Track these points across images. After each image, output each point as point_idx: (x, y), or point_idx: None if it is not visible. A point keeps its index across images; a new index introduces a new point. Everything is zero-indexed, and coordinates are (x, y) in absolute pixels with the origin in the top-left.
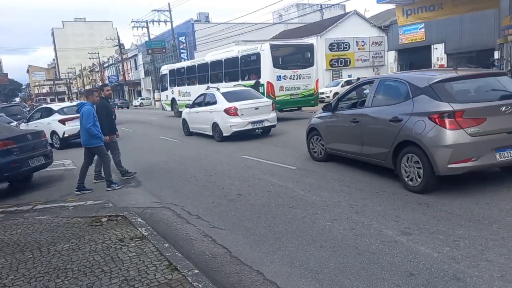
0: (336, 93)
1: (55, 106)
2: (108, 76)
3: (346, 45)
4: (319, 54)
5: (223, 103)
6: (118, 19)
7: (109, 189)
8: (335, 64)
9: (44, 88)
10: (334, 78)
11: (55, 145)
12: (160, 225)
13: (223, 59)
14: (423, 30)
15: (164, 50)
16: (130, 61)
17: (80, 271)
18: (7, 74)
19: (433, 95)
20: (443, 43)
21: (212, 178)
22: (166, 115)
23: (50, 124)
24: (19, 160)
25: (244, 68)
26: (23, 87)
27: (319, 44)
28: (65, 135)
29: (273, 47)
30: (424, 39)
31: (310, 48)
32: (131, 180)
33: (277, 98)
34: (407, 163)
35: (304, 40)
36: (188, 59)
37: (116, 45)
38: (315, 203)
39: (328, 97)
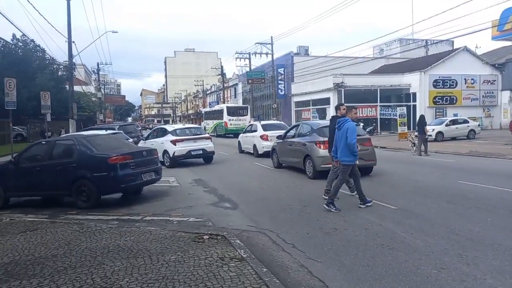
0: (439, 132)
1: (170, 127)
2: (209, 102)
3: (452, 82)
4: (421, 90)
5: (260, 131)
6: (222, 49)
7: (326, 207)
8: (439, 102)
9: (153, 110)
10: (437, 116)
11: (166, 163)
12: (256, 249)
13: (216, 109)
14: None
15: (263, 81)
16: (230, 89)
17: (186, 283)
18: (124, 96)
19: (318, 133)
20: None
21: (307, 209)
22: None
23: (163, 144)
24: (134, 174)
25: (218, 114)
26: (136, 108)
27: (422, 80)
28: (175, 155)
29: (227, 107)
30: None
31: (246, 107)
32: (229, 202)
33: (228, 128)
34: (308, 165)
35: (395, 76)
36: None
37: (219, 74)
38: (418, 247)
39: (430, 135)
